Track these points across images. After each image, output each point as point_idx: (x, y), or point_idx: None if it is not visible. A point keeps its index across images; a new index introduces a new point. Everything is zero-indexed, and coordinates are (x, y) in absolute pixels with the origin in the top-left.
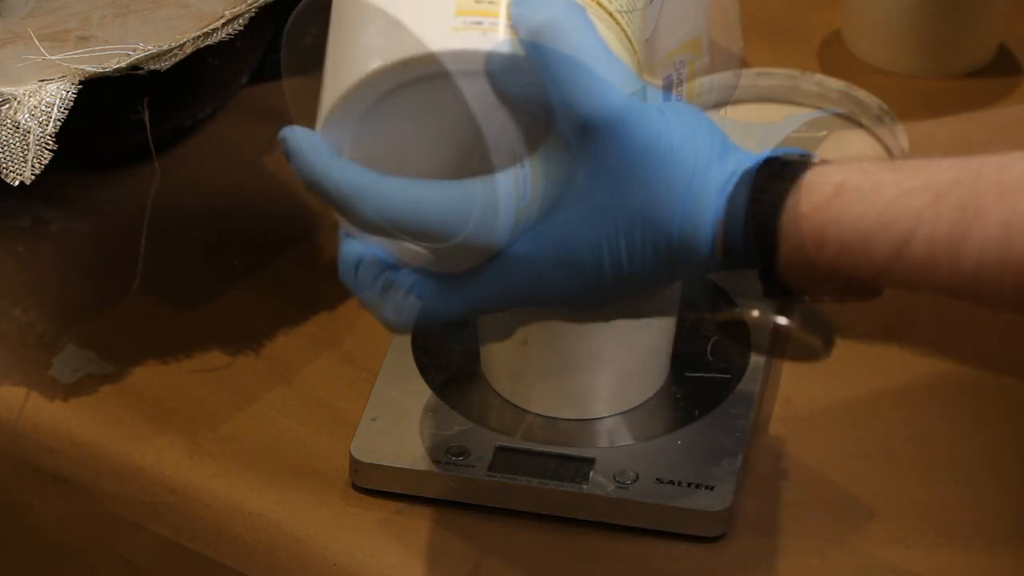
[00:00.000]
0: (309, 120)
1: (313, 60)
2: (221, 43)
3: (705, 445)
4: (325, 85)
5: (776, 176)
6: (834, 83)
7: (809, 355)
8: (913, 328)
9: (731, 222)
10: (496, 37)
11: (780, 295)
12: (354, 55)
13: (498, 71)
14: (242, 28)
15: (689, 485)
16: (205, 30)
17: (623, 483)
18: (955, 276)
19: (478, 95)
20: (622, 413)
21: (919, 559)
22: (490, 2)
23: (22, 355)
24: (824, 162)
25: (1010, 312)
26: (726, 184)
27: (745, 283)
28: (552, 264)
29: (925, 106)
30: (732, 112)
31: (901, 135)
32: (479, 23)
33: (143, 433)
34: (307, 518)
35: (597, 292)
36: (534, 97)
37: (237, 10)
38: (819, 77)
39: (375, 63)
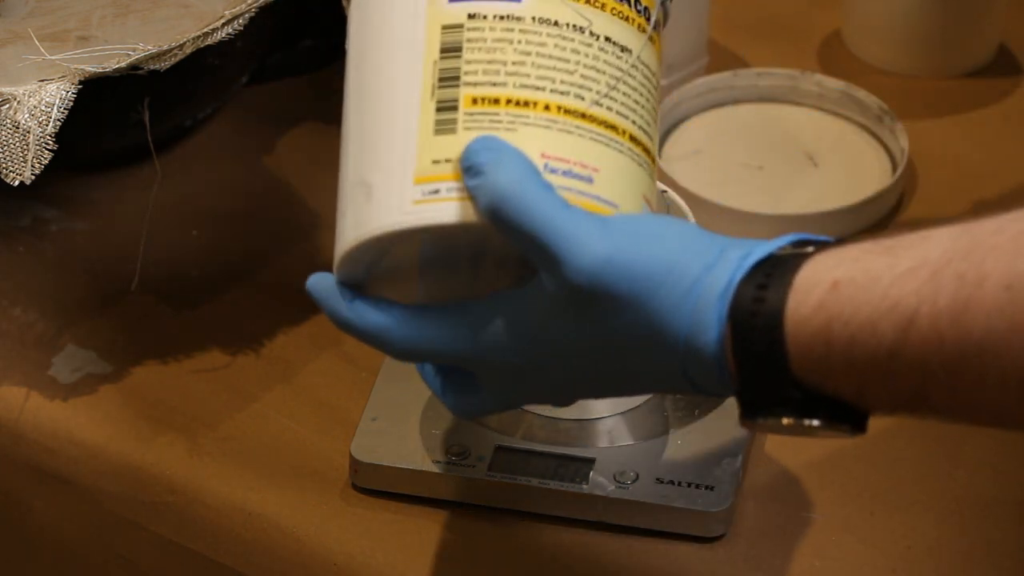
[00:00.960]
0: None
1: (313, 60)
2: (221, 43)
3: (705, 445)
4: (337, 223)
5: (769, 281)
6: (834, 83)
7: (846, 435)
8: None
9: (736, 339)
10: (452, 207)
11: (793, 400)
12: (345, 212)
13: (464, 233)
14: (242, 28)
15: (689, 485)
16: (205, 30)
17: (623, 483)
18: (965, 347)
19: (453, 247)
20: (622, 413)
21: (919, 559)
22: (447, 161)
23: (22, 355)
24: (813, 256)
25: (1017, 415)
26: (723, 296)
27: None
28: (560, 386)
29: (925, 106)
30: (732, 112)
31: (901, 135)
32: (436, 191)
33: (143, 433)
34: (307, 518)
35: (614, 395)
36: (509, 251)
37: (237, 10)
38: (819, 77)
39: (355, 237)
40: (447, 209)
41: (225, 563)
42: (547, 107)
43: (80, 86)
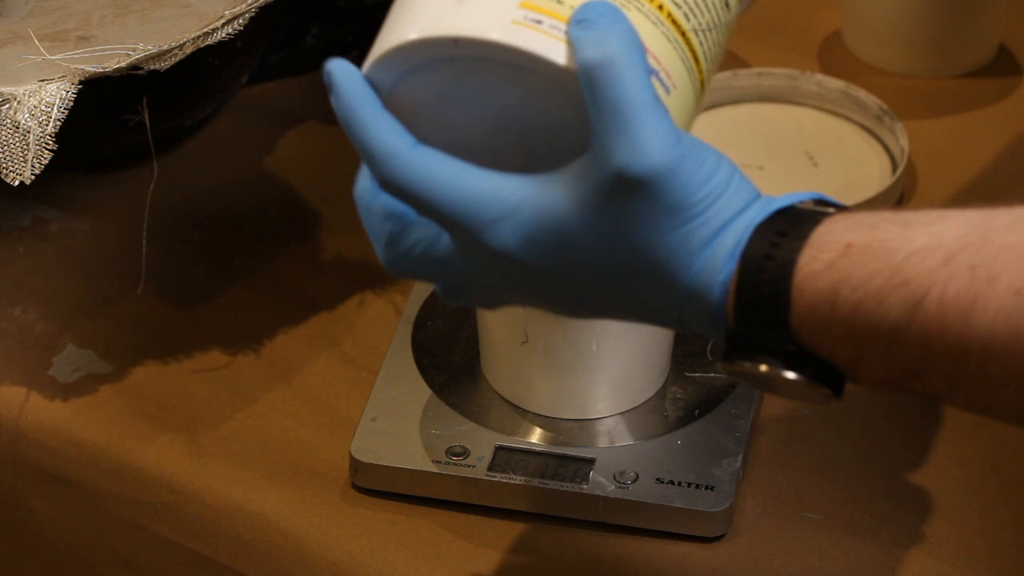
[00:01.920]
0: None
1: (313, 60)
2: (221, 43)
3: (705, 445)
4: (385, 26)
5: (788, 230)
6: (834, 83)
7: (821, 400)
8: None
9: (743, 281)
10: (552, 43)
11: (785, 352)
12: (419, 10)
13: (544, 77)
14: (242, 28)
15: (689, 485)
16: (205, 30)
17: (623, 483)
18: (969, 342)
19: (519, 92)
20: (622, 413)
21: (920, 558)
22: (558, 2)
23: (22, 355)
24: (831, 216)
25: (1012, 410)
26: (740, 240)
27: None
28: (546, 286)
29: (925, 106)
30: (732, 112)
31: (901, 135)
32: (539, 22)
33: (143, 433)
34: (307, 518)
35: (596, 313)
36: (570, 116)
37: (237, 10)
38: (819, 77)
39: (430, 30)
40: (546, 43)
41: (225, 563)
42: (661, 7)
43: (80, 86)
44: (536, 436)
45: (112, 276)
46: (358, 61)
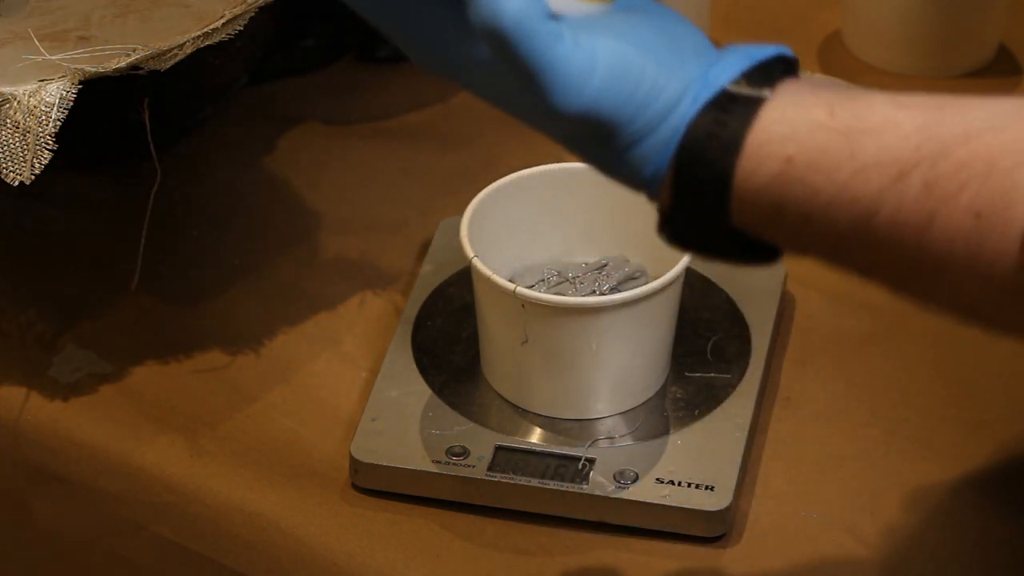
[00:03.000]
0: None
1: (313, 60)
2: (221, 43)
3: (705, 445)
4: None
5: (720, 131)
6: None
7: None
8: (913, 328)
9: (680, 181)
10: None
11: (722, 249)
12: None
13: None
14: (242, 28)
15: (689, 485)
16: (205, 30)
17: (623, 483)
18: (923, 257)
19: None
20: (622, 413)
21: (920, 558)
22: None
23: (22, 355)
24: (765, 106)
25: (957, 307)
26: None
27: None
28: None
29: None
30: None
31: None
32: None
33: (143, 433)
34: (307, 518)
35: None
36: None
37: (237, 10)
38: (819, 77)
39: None
40: None
41: (225, 563)
42: None
43: (80, 86)
44: (536, 436)
45: (113, 276)
46: (358, 61)
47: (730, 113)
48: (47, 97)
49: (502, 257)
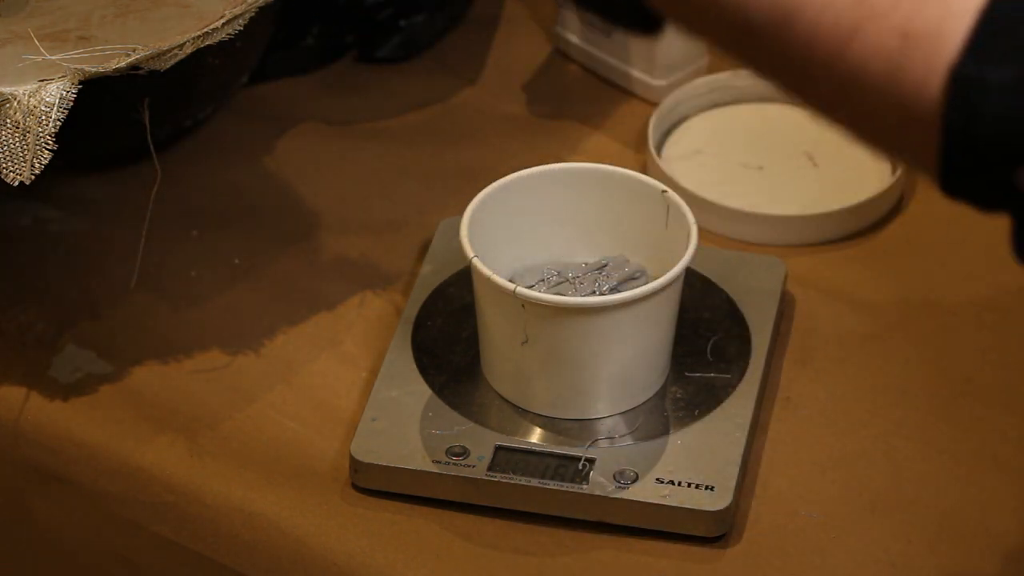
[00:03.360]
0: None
1: (313, 59)
2: (221, 43)
3: (705, 445)
4: None
5: None
6: None
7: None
8: (913, 328)
9: None
10: None
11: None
12: None
13: None
14: (242, 28)
15: (689, 485)
16: (205, 30)
17: (623, 483)
18: (833, 68)
19: None
20: (622, 413)
21: (920, 558)
22: None
23: (22, 355)
24: None
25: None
26: None
27: None
28: None
29: None
30: (732, 112)
31: None
32: None
33: (143, 433)
34: (307, 518)
35: None
36: None
37: (237, 10)
38: None
39: None
40: None
41: (225, 563)
42: None
43: (80, 86)
44: (536, 436)
45: (112, 276)
46: (358, 61)
47: None
48: (47, 97)
49: (502, 257)
